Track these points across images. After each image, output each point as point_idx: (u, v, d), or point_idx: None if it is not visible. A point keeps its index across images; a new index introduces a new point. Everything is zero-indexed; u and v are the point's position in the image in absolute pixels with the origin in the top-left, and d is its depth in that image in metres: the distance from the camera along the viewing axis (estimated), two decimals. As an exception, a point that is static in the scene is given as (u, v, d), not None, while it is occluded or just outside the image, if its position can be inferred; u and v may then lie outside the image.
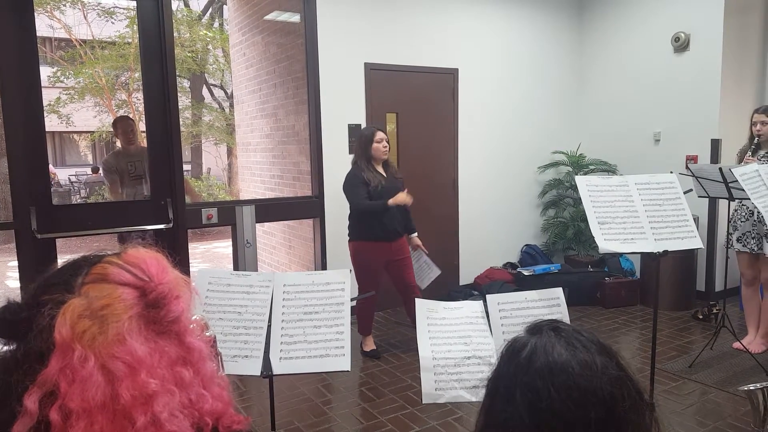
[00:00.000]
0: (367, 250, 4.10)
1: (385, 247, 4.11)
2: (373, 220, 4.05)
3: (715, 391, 3.58)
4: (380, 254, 4.11)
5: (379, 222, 4.05)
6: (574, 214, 6.05)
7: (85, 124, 15.87)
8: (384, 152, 4.10)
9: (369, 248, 4.09)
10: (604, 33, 6.10)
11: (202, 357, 0.79)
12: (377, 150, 4.07)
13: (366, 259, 4.11)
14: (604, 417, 0.79)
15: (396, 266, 4.20)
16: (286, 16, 5.64)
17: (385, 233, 4.08)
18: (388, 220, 4.07)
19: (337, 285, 2.26)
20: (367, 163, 4.08)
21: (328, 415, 3.42)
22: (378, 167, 4.14)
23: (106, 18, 13.04)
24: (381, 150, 4.08)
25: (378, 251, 4.09)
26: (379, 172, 4.12)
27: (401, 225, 4.19)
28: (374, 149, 4.07)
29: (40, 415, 0.68)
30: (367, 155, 4.08)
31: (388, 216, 4.06)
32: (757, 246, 3.98)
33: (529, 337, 0.87)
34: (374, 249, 4.09)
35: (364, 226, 4.10)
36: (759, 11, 5.32)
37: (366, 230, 4.09)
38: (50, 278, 0.77)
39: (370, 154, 4.08)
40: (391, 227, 4.10)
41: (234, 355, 2.12)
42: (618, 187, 2.90)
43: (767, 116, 3.97)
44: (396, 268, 4.20)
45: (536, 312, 2.11)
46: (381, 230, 4.07)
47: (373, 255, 4.10)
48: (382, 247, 4.09)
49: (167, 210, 4.16)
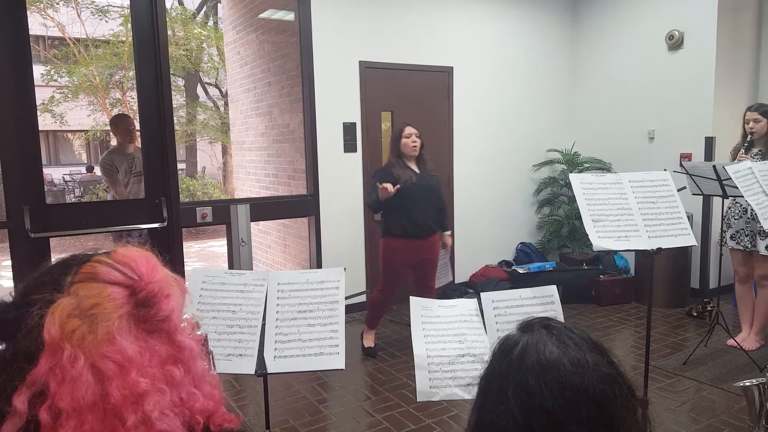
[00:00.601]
0: (396, 248, 3.98)
1: (417, 245, 3.98)
2: (398, 217, 3.94)
3: (709, 388, 3.60)
4: (410, 252, 3.99)
5: (404, 218, 3.94)
6: (569, 211, 6.06)
7: (79, 123, 15.82)
8: (413, 148, 3.98)
9: (398, 245, 3.98)
10: (599, 31, 6.10)
11: (193, 355, 0.79)
12: (406, 146, 3.98)
13: (394, 256, 4.00)
14: (596, 414, 0.79)
15: (423, 265, 4.08)
16: (281, 14, 5.63)
17: (417, 229, 3.96)
18: (418, 214, 3.95)
19: (331, 283, 2.26)
20: (398, 159, 3.99)
21: (323, 413, 3.42)
22: (410, 163, 4.03)
23: (99, 16, 12.99)
24: (410, 146, 3.98)
25: (408, 249, 3.97)
26: (411, 168, 4.01)
27: (433, 221, 4.06)
28: (403, 144, 3.99)
29: (30, 415, 0.68)
30: (397, 151, 4.00)
31: (417, 210, 3.93)
32: (750, 243, 4.00)
33: (521, 335, 0.87)
34: (404, 246, 3.97)
35: (395, 222, 3.98)
36: (752, 10, 5.33)
37: (395, 226, 3.98)
38: (39, 277, 0.76)
39: (399, 150, 4.00)
40: (423, 222, 3.97)
41: (228, 354, 2.12)
42: (612, 185, 2.90)
43: (760, 114, 3.99)
44: (422, 268, 4.09)
45: (531, 310, 2.12)
46: (411, 226, 3.94)
47: (402, 253, 3.98)
48: (412, 244, 3.97)
49: (161, 209, 4.15)
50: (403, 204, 3.90)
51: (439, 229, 4.15)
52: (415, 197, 3.91)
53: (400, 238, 3.97)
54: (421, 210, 3.96)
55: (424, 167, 4.08)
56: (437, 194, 4.12)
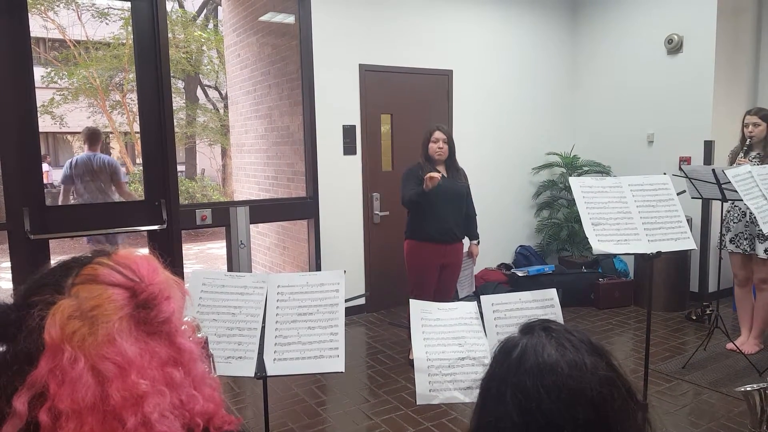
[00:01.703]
0: (419, 250, 3.94)
1: (439, 249, 3.92)
2: (425, 220, 3.89)
3: (708, 391, 3.60)
4: (433, 256, 3.93)
5: (431, 222, 3.88)
6: (568, 215, 6.07)
7: (79, 125, 15.79)
8: (438, 153, 3.92)
9: (420, 248, 3.94)
10: (598, 35, 6.12)
11: (193, 358, 0.79)
12: (432, 150, 3.94)
13: (418, 259, 3.96)
14: (594, 417, 0.79)
15: (443, 271, 4.01)
16: (281, 17, 5.63)
17: (439, 233, 3.90)
18: (441, 219, 3.89)
19: (331, 286, 2.26)
20: (426, 162, 3.95)
21: (322, 416, 3.42)
22: (440, 167, 3.97)
23: (100, 19, 13.00)
24: (435, 150, 3.93)
25: (430, 252, 3.92)
26: (439, 171, 3.94)
27: (458, 227, 3.99)
28: (429, 149, 3.95)
29: (30, 416, 0.68)
30: (426, 154, 3.97)
31: (439, 215, 3.88)
32: (749, 247, 4.00)
33: (521, 338, 0.87)
34: (426, 249, 3.92)
35: (417, 225, 3.94)
36: (751, 13, 5.35)
37: (418, 229, 3.93)
38: (40, 279, 0.77)
39: (427, 153, 3.97)
40: (446, 227, 3.91)
41: (228, 357, 2.12)
42: (612, 189, 2.91)
43: (759, 118, 3.99)
44: (443, 274, 4.02)
45: (530, 313, 2.12)
46: (434, 230, 3.89)
47: (425, 256, 3.93)
48: (435, 248, 3.92)
49: (161, 211, 4.15)
50: (427, 206, 3.85)
51: (464, 236, 4.09)
52: (439, 200, 3.84)
53: (421, 240, 3.93)
54: (445, 214, 3.90)
55: (454, 173, 4.01)
56: (465, 200, 4.05)
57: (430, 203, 3.83)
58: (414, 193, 3.81)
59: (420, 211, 3.89)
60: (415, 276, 4.01)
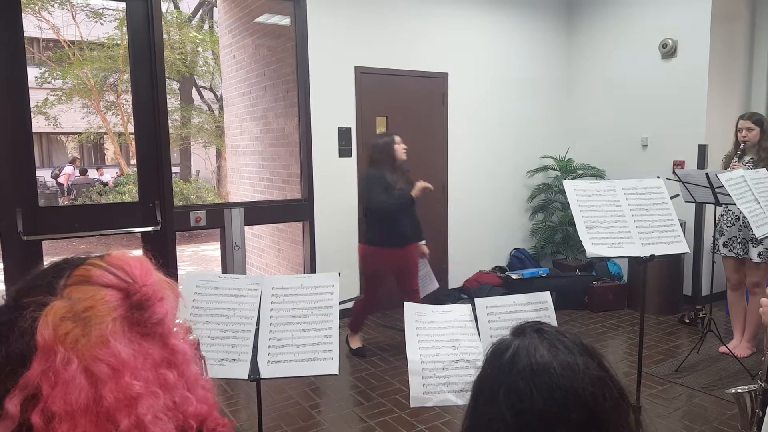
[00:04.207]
0: (378, 256, 4.08)
1: (397, 253, 4.09)
2: (391, 226, 4.03)
3: (701, 394, 3.61)
4: (390, 260, 4.10)
5: (396, 228, 4.03)
6: (563, 218, 6.08)
7: (73, 125, 15.77)
8: (404, 153, 4.12)
9: (380, 254, 4.08)
10: (593, 38, 6.14)
11: (187, 359, 0.79)
12: (400, 152, 4.10)
13: (374, 263, 4.10)
14: (586, 417, 0.79)
15: (404, 273, 4.18)
16: (277, 19, 5.64)
17: (400, 239, 4.07)
18: (402, 225, 4.05)
19: (325, 288, 2.26)
20: (392, 167, 4.08)
21: (316, 419, 3.41)
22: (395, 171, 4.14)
23: (94, 19, 12.96)
24: (402, 151, 4.11)
25: (389, 257, 4.08)
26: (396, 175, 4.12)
27: (413, 231, 4.18)
28: (397, 150, 4.08)
29: (22, 418, 0.67)
30: (392, 158, 4.08)
31: (402, 221, 4.04)
32: (742, 251, 4.02)
33: (513, 339, 0.88)
34: (385, 255, 4.07)
35: (380, 231, 4.07)
36: (745, 18, 5.38)
37: (381, 235, 4.07)
38: (32, 280, 0.76)
39: (394, 156, 4.08)
40: (407, 233, 4.10)
41: (221, 359, 2.11)
42: (606, 192, 2.92)
43: (752, 123, 4.02)
44: (404, 275, 4.19)
45: (524, 315, 2.12)
46: (396, 236, 4.05)
47: (384, 261, 4.09)
48: (393, 253, 4.08)
49: (155, 212, 4.14)
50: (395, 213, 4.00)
51: (416, 239, 4.25)
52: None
53: (382, 246, 4.07)
54: (404, 219, 4.07)
55: (402, 174, 4.17)
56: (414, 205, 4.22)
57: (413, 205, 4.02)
58: (401, 199, 3.97)
59: (384, 217, 4.03)
60: (369, 279, 4.18)
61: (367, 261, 4.16)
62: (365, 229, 4.21)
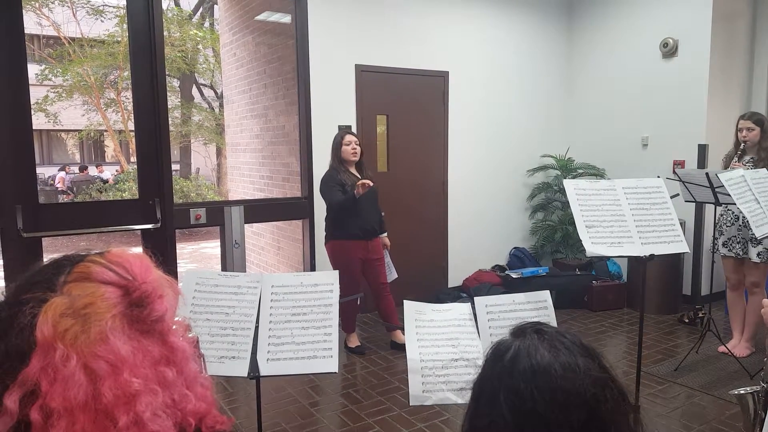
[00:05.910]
0: (345, 249, 4.21)
1: (363, 245, 4.24)
2: (351, 220, 4.17)
3: (700, 394, 3.61)
4: (357, 252, 4.23)
5: (356, 221, 4.18)
6: (563, 217, 6.08)
7: (73, 122, 15.77)
8: (352, 154, 4.24)
9: (346, 247, 4.21)
10: (594, 37, 6.14)
11: (186, 357, 0.79)
12: (346, 152, 4.24)
13: (344, 257, 4.20)
14: (587, 418, 0.79)
15: (372, 265, 4.32)
16: (277, 16, 5.63)
17: (363, 232, 4.22)
18: (365, 219, 4.21)
19: (325, 286, 2.26)
20: (340, 165, 4.24)
21: (315, 416, 3.41)
22: (351, 169, 4.28)
23: (95, 16, 12.95)
24: (349, 152, 4.24)
25: (355, 249, 4.22)
26: (353, 173, 4.26)
27: (376, 224, 4.35)
28: (343, 152, 4.23)
29: (21, 414, 0.67)
30: (339, 157, 4.24)
31: (364, 215, 4.19)
32: (742, 250, 4.02)
33: (513, 340, 0.88)
34: (352, 247, 4.21)
35: (341, 226, 4.21)
36: (746, 18, 5.38)
37: (343, 229, 4.21)
38: (32, 277, 0.76)
39: (340, 157, 4.24)
40: (369, 226, 4.26)
41: (221, 356, 2.11)
42: (606, 191, 2.92)
43: (753, 122, 4.02)
44: (371, 268, 4.33)
45: (524, 314, 2.12)
46: (358, 229, 4.20)
47: (351, 253, 4.20)
48: (359, 245, 4.23)
49: (155, 210, 4.14)
50: (355, 208, 4.14)
51: (380, 232, 4.44)
52: (361, 200, 4.11)
53: (347, 239, 4.21)
54: (366, 213, 4.23)
55: (364, 173, 4.31)
56: (377, 199, 4.38)
57: (358, 205, 4.14)
58: (345, 199, 4.09)
59: (344, 211, 4.17)
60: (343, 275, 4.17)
61: (337, 256, 4.25)
62: (328, 225, 4.33)
